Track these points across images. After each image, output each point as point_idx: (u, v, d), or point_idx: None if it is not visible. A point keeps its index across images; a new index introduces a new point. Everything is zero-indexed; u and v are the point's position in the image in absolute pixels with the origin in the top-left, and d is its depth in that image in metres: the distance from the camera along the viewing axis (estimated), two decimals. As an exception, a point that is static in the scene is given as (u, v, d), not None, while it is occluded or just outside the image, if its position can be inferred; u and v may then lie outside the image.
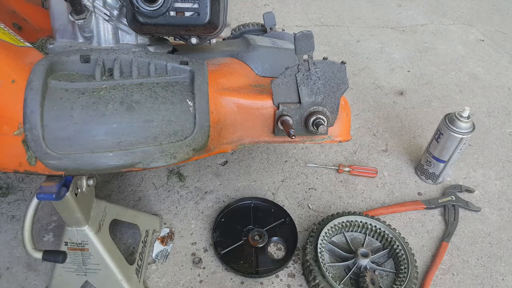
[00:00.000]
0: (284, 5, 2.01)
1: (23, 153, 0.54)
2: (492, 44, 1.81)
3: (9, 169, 0.55)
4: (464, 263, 0.94)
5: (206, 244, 0.94)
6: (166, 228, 0.97)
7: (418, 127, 1.32)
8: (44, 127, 0.53)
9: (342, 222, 0.92)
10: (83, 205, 0.67)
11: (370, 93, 1.47)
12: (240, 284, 0.87)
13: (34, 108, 0.52)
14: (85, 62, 0.60)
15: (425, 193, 1.10)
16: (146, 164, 0.57)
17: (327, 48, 1.71)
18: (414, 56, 1.69)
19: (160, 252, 0.92)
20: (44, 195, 0.58)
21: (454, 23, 1.97)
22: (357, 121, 1.34)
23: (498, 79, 1.58)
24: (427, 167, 1.10)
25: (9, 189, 1.04)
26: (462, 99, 1.47)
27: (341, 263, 0.88)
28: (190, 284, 0.87)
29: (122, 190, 1.06)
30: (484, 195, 1.11)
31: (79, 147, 0.54)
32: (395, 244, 0.89)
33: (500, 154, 1.24)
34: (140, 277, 0.82)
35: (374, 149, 1.23)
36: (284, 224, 0.97)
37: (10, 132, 0.53)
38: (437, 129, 1.05)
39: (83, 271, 0.74)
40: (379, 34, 1.84)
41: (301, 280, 0.88)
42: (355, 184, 1.12)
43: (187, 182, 1.09)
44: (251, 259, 0.90)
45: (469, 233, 1.01)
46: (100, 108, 0.55)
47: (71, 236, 0.70)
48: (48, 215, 0.97)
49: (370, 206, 1.05)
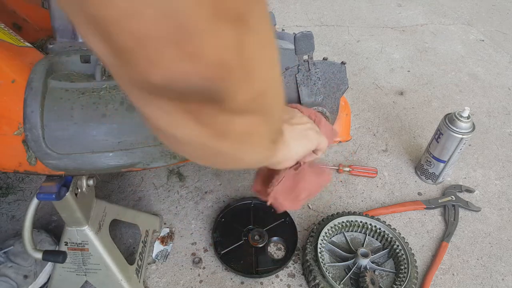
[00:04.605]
0: (284, 5, 2.01)
1: (23, 153, 0.54)
2: (492, 44, 1.81)
3: (9, 169, 0.55)
4: (464, 263, 0.94)
5: (206, 244, 0.94)
6: (166, 228, 0.97)
7: (418, 127, 1.32)
8: (44, 127, 0.53)
9: (342, 222, 0.93)
10: (83, 205, 0.67)
11: (370, 93, 1.47)
12: (240, 284, 0.87)
13: (34, 108, 0.52)
14: (85, 62, 0.60)
15: (425, 193, 1.10)
16: (146, 164, 0.57)
17: (327, 48, 1.71)
18: (414, 56, 1.69)
19: (160, 252, 0.92)
20: (44, 195, 0.58)
21: (454, 23, 1.97)
22: (357, 121, 1.34)
23: (498, 79, 1.58)
24: (427, 167, 1.10)
25: (9, 189, 1.04)
26: (462, 99, 1.47)
27: (341, 263, 0.88)
28: (190, 284, 0.87)
29: (122, 190, 1.06)
30: (484, 195, 1.11)
31: (79, 147, 0.54)
32: (395, 244, 0.89)
33: (500, 154, 1.24)
34: (140, 277, 0.82)
35: (374, 149, 1.23)
36: (284, 224, 0.97)
37: (10, 132, 0.53)
38: (437, 129, 1.05)
39: (83, 271, 0.74)
40: (379, 34, 1.84)
41: (301, 280, 0.88)
42: (355, 184, 1.12)
43: (187, 182, 1.09)
44: (251, 259, 0.90)
45: (469, 233, 1.01)
46: (100, 108, 0.55)
47: (71, 236, 0.70)
48: (48, 215, 0.97)
49: (370, 206, 1.06)
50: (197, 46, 0.20)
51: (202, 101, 0.24)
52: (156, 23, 0.19)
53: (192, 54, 0.21)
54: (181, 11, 0.19)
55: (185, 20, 0.19)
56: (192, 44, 0.20)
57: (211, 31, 0.20)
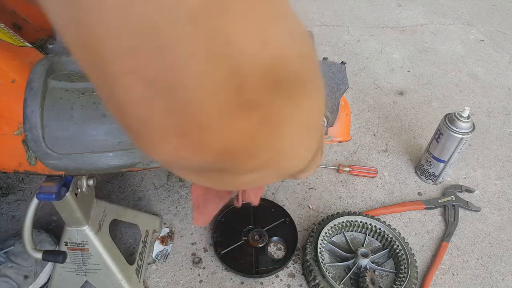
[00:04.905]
0: (284, 5, 2.01)
1: (23, 153, 0.54)
2: (492, 44, 1.81)
3: (9, 169, 0.55)
4: (464, 263, 0.94)
5: (206, 244, 0.94)
6: (166, 228, 0.97)
7: (418, 127, 1.32)
8: (44, 127, 0.53)
9: (342, 222, 0.92)
10: (83, 205, 0.67)
11: (370, 93, 1.47)
12: (240, 284, 0.87)
13: (34, 108, 0.52)
14: (85, 62, 0.59)
15: (425, 193, 1.10)
16: (146, 164, 0.57)
17: (327, 48, 1.71)
18: (414, 56, 1.69)
19: (160, 252, 0.92)
20: (44, 195, 0.58)
21: (454, 23, 1.97)
22: (357, 121, 1.34)
23: (498, 79, 1.58)
24: (427, 167, 1.10)
25: (9, 189, 1.04)
26: (462, 99, 1.47)
27: (341, 263, 0.88)
28: (190, 284, 0.87)
29: (122, 190, 1.06)
30: (484, 195, 1.11)
31: (79, 147, 0.54)
32: (395, 244, 0.89)
33: (500, 154, 1.24)
34: (140, 277, 0.82)
35: (374, 149, 1.23)
36: (284, 224, 0.97)
37: (10, 132, 0.53)
38: (437, 129, 1.05)
39: (83, 271, 0.74)
40: (379, 34, 1.84)
41: (301, 280, 0.88)
42: (355, 184, 1.12)
43: (187, 182, 1.09)
44: (251, 259, 0.90)
45: (469, 233, 1.01)
46: (100, 108, 0.55)
47: (71, 236, 0.70)
48: (48, 215, 0.97)
49: (370, 206, 1.06)
50: (204, 138, 0.19)
51: (210, 171, 0.24)
52: (164, 115, 0.18)
53: (197, 145, 0.19)
54: (192, 105, 0.17)
55: (196, 114, 0.18)
56: (198, 136, 0.19)
57: (222, 124, 0.19)
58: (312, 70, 0.23)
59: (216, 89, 0.17)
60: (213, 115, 0.18)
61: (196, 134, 0.19)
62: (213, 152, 0.20)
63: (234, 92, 0.18)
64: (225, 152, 0.20)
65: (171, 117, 0.18)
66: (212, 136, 0.19)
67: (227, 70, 0.17)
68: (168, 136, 0.19)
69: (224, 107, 0.18)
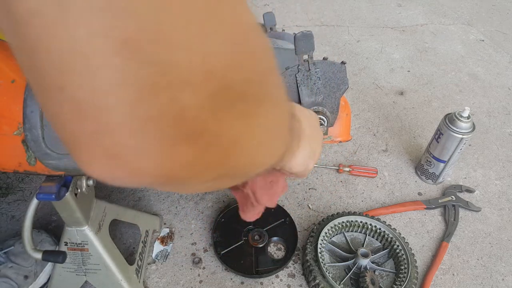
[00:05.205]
0: (284, 5, 2.01)
1: (22, 153, 0.54)
2: (492, 44, 1.81)
3: (9, 169, 0.55)
4: (464, 263, 0.94)
5: (206, 244, 0.94)
6: (166, 228, 0.97)
7: (418, 127, 1.32)
8: (44, 127, 0.53)
9: (342, 222, 0.92)
10: (83, 205, 0.67)
11: (370, 93, 1.47)
12: (240, 284, 0.87)
13: (34, 108, 0.52)
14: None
15: (425, 193, 1.10)
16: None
17: (327, 48, 1.71)
18: (414, 56, 1.69)
19: (160, 252, 0.92)
20: (44, 195, 0.58)
21: (454, 23, 1.97)
22: (357, 121, 1.34)
23: (498, 79, 1.58)
24: (427, 167, 1.10)
25: (9, 189, 1.04)
26: (462, 99, 1.47)
27: (341, 263, 0.88)
28: (190, 284, 0.87)
29: (122, 190, 1.06)
30: (484, 195, 1.11)
31: (79, 147, 0.54)
32: (395, 244, 0.89)
33: (500, 154, 1.24)
34: (140, 277, 0.82)
35: (374, 149, 1.23)
36: (284, 224, 0.97)
37: (10, 132, 0.53)
38: (437, 129, 1.05)
39: (83, 271, 0.74)
40: (379, 34, 1.84)
41: (301, 280, 0.88)
42: (355, 184, 1.12)
43: (187, 182, 1.09)
44: (251, 259, 0.90)
45: (469, 233, 1.01)
46: (100, 108, 0.55)
47: (71, 236, 0.70)
48: (48, 215, 0.97)
49: (370, 206, 1.05)
50: (138, 164, 0.18)
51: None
52: (92, 136, 0.17)
53: (131, 169, 0.19)
54: (121, 130, 0.17)
55: (126, 140, 0.17)
56: (131, 162, 0.18)
57: (159, 152, 0.18)
58: (265, 80, 0.22)
59: (148, 117, 0.17)
60: (149, 143, 0.17)
61: (128, 159, 0.18)
62: (151, 177, 0.19)
63: (172, 121, 0.17)
64: (165, 177, 0.20)
65: (99, 139, 0.17)
66: (148, 162, 0.18)
67: (162, 99, 0.17)
68: (97, 156, 0.18)
69: (161, 136, 0.17)
